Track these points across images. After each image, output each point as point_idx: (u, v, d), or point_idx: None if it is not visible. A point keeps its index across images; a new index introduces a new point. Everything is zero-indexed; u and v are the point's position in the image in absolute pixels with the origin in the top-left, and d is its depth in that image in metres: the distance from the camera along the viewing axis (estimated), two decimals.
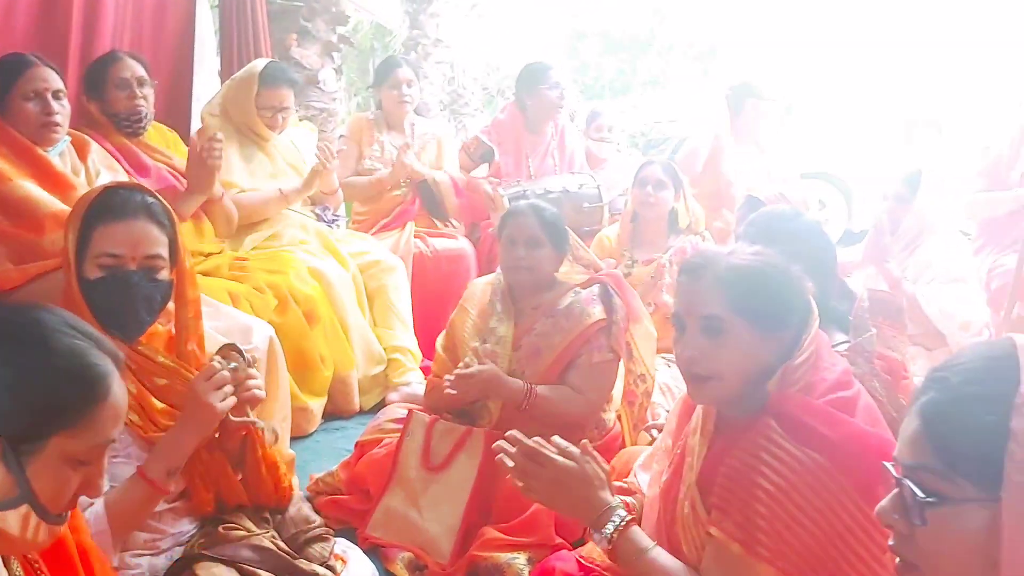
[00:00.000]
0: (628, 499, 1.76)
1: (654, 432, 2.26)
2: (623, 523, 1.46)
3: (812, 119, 8.73)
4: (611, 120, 4.89)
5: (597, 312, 2.41)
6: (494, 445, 1.55)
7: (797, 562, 1.33)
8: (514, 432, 1.53)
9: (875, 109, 8.91)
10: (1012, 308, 2.84)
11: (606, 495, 1.49)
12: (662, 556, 1.47)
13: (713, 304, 1.47)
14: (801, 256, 1.63)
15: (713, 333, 1.47)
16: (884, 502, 0.92)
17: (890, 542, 0.92)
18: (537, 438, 1.54)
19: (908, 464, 0.89)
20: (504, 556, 2.10)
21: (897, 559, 0.92)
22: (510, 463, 1.51)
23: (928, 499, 0.86)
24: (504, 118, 4.24)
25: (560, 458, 1.49)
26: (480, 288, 2.64)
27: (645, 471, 1.83)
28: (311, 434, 3.06)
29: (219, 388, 1.63)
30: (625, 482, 1.89)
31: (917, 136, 8.34)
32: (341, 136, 4.11)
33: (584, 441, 1.56)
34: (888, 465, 0.93)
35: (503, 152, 4.09)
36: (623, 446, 2.47)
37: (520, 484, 1.51)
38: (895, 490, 0.91)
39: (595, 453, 1.53)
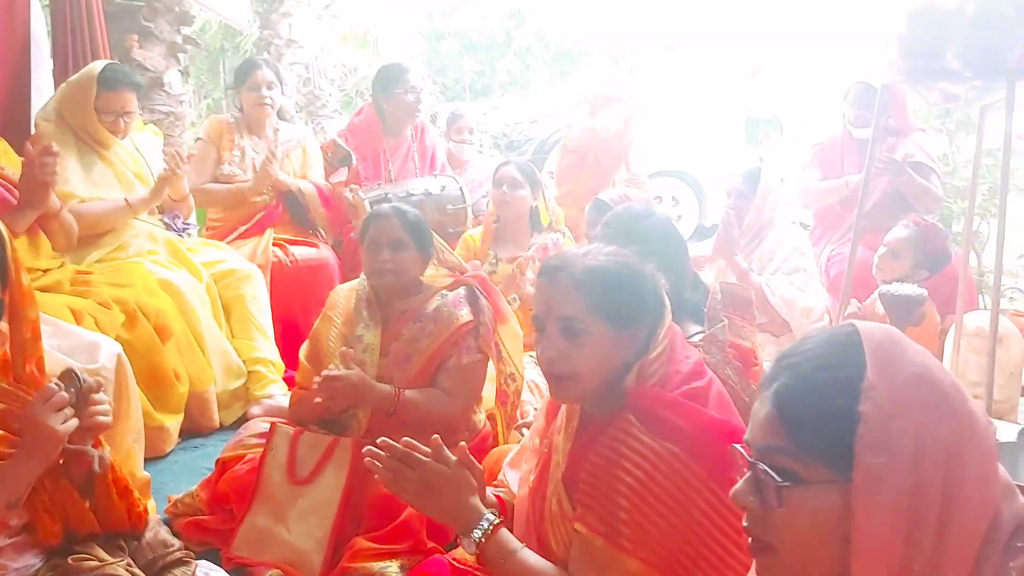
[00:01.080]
0: (500, 492, 1.78)
1: (524, 431, 2.29)
2: (491, 527, 1.47)
3: (665, 118, 9.06)
4: (472, 121, 4.91)
5: (464, 314, 2.42)
6: (363, 450, 1.53)
7: (659, 551, 1.38)
8: (386, 439, 1.52)
9: (723, 108, 9.35)
10: (848, 294, 3.05)
11: (475, 501, 1.49)
12: (530, 557, 1.49)
13: (571, 305, 1.50)
14: (655, 252, 1.69)
15: (572, 334, 1.50)
16: (739, 485, 0.95)
17: (744, 523, 0.94)
18: (408, 438, 1.52)
19: (762, 447, 0.92)
20: (376, 565, 2.08)
21: (751, 539, 0.94)
22: (380, 466, 1.49)
23: (783, 483, 0.89)
24: (360, 121, 4.17)
25: (432, 462, 1.49)
26: (344, 295, 2.59)
27: (514, 469, 1.85)
28: (168, 454, 2.92)
29: (58, 410, 1.53)
30: (496, 481, 1.90)
31: (760, 134, 8.82)
32: (198, 139, 3.92)
33: (462, 444, 1.56)
34: (740, 448, 0.96)
35: (361, 156, 4.01)
36: (496, 445, 2.49)
37: (391, 488, 1.51)
38: (749, 473, 0.93)
39: (472, 459, 1.54)
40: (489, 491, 1.74)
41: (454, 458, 1.50)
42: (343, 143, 4.00)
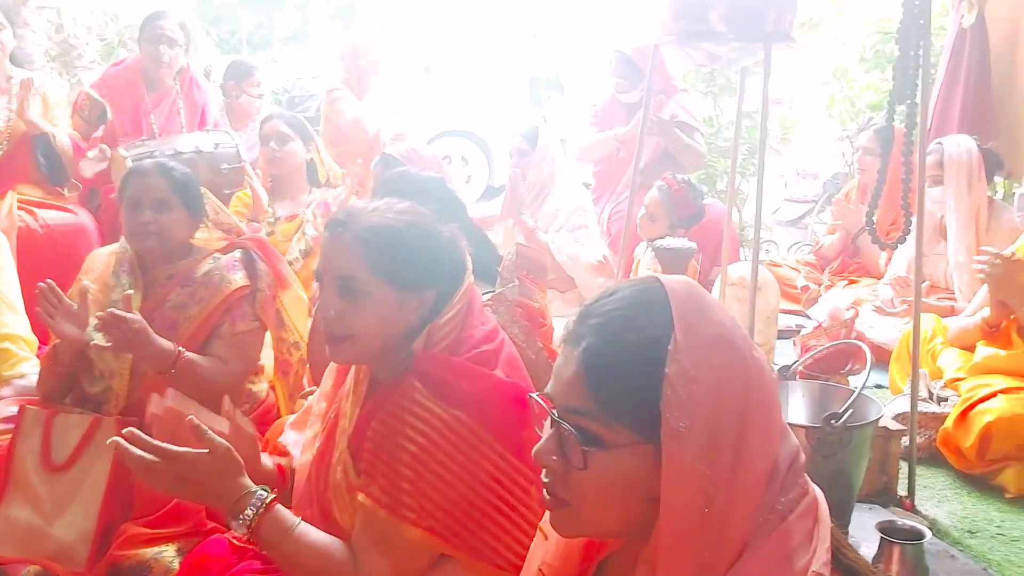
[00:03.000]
0: (282, 461, 1.69)
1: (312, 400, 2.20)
2: (263, 506, 1.36)
3: (452, 78, 9.03)
4: (261, 75, 4.65)
5: (239, 279, 2.27)
6: (108, 442, 1.35)
7: (444, 519, 1.36)
8: (132, 429, 1.35)
9: (507, 69, 9.44)
10: (628, 249, 3.18)
11: (243, 480, 1.37)
12: (309, 532, 1.41)
13: (349, 264, 1.43)
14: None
15: (350, 293, 1.43)
16: (542, 443, 0.92)
17: (544, 479, 0.93)
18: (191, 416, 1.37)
19: (567, 407, 0.90)
20: (150, 551, 1.92)
21: (547, 494, 0.93)
22: (133, 455, 1.32)
23: (589, 447, 0.87)
24: (118, 71, 3.82)
25: (187, 450, 1.33)
26: (102, 259, 2.35)
27: (296, 429, 1.77)
28: None
29: None
30: (277, 442, 1.81)
31: (543, 95, 9.01)
32: None
33: (235, 410, 1.45)
34: (541, 401, 0.94)
35: (117, 110, 3.65)
36: (278, 416, 2.38)
37: (144, 482, 1.34)
38: (551, 430, 0.91)
39: (248, 428, 1.41)
40: (268, 459, 1.65)
41: (220, 440, 1.36)
42: (96, 94, 3.62)
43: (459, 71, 8.63)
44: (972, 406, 2.68)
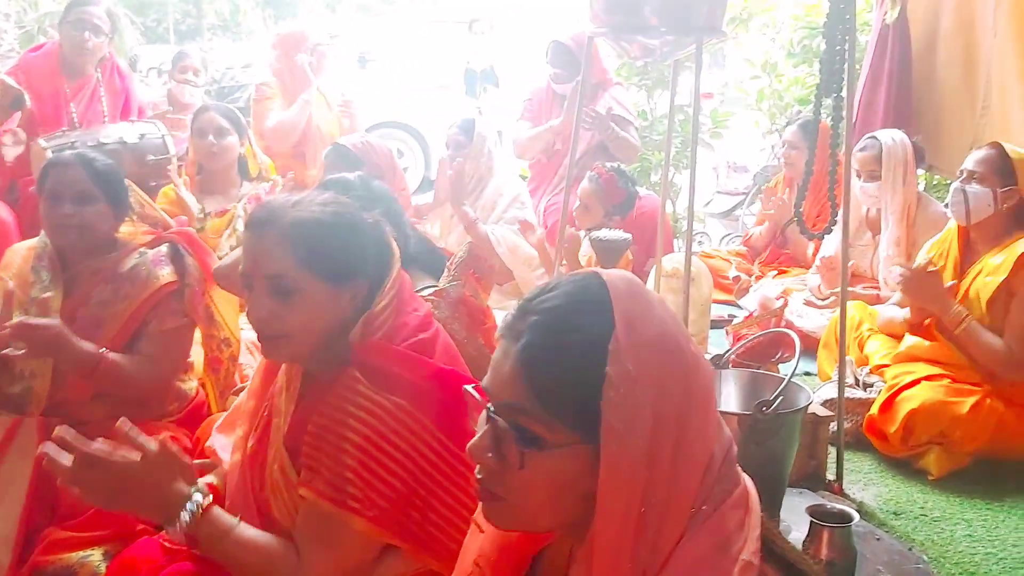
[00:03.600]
0: (212, 481, 1.65)
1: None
2: (200, 509, 1.32)
3: (387, 70, 8.95)
4: (198, 62, 4.51)
5: (166, 274, 2.20)
6: (40, 451, 1.28)
7: (388, 509, 1.35)
8: (61, 431, 1.28)
9: (442, 60, 9.40)
10: (564, 242, 3.18)
11: (179, 485, 1.33)
12: (248, 532, 1.38)
13: (279, 263, 1.40)
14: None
15: (281, 292, 1.40)
16: (476, 440, 0.90)
17: (478, 475, 0.91)
18: (99, 443, 1.30)
19: (505, 403, 0.88)
20: (75, 556, 1.86)
21: (481, 488, 0.92)
22: (63, 465, 1.26)
23: (527, 447, 0.86)
24: (36, 57, 3.68)
25: (118, 457, 1.28)
26: (21, 254, 2.26)
27: (224, 433, 1.73)
28: None
29: None
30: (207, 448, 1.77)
31: (478, 86, 9.00)
32: None
33: (164, 436, 1.41)
34: (476, 395, 0.92)
35: (36, 97, 3.51)
36: (209, 414, 2.32)
37: (74, 491, 1.28)
38: (487, 427, 0.89)
39: (171, 445, 1.37)
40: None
41: (152, 445, 1.31)
42: (12, 81, 3.47)
43: (393, 63, 8.55)
44: (897, 392, 2.77)
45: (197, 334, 2.34)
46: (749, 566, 0.85)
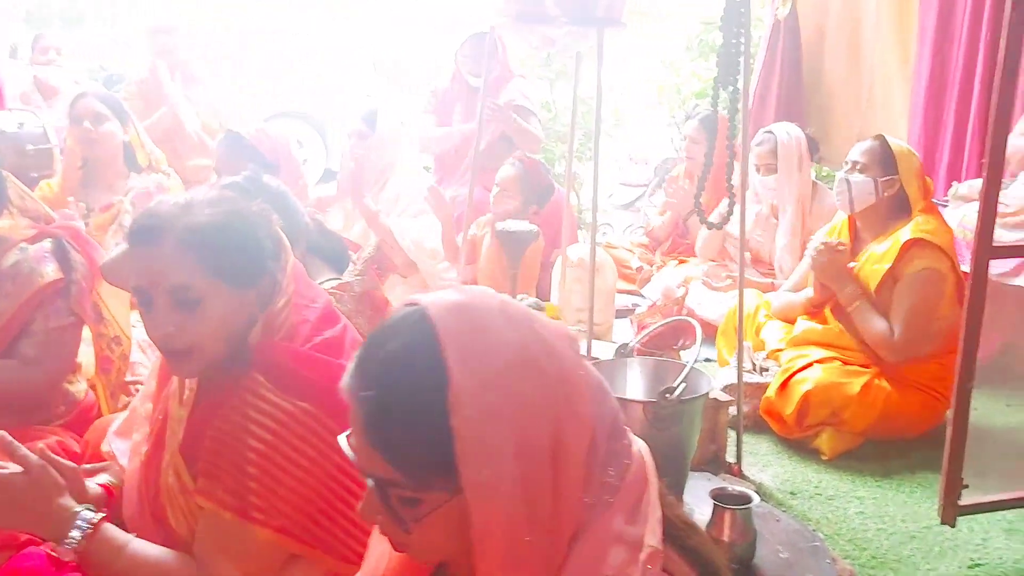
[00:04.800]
0: (104, 478, 1.57)
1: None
2: (91, 527, 1.25)
3: (286, 58, 8.71)
4: (58, 41, 4.28)
5: (51, 271, 2.08)
6: None
7: (294, 516, 1.31)
8: None
9: (344, 49, 9.22)
10: (467, 233, 3.17)
11: (66, 501, 1.26)
12: (144, 549, 1.32)
13: (183, 273, 1.32)
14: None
15: (187, 304, 1.32)
16: (364, 504, 0.87)
17: (377, 531, 0.92)
18: None
19: (372, 475, 0.85)
20: None
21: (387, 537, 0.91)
22: None
23: (406, 510, 0.84)
24: None
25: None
26: None
27: (122, 438, 1.65)
28: None
29: None
30: (102, 451, 1.68)
31: (377, 76, 8.87)
32: None
33: (41, 445, 1.32)
34: (348, 452, 0.88)
35: None
36: (99, 416, 2.21)
37: None
38: (370, 489, 0.86)
39: (52, 457, 1.30)
40: (94, 483, 1.51)
41: (34, 457, 1.25)
42: None
43: (290, 51, 8.34)
44: (791, 376, 2.88)
45: (86, 333, 2.23)
46: (655, 553, 0.84)
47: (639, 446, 0.92)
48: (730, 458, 2.67)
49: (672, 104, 6.13)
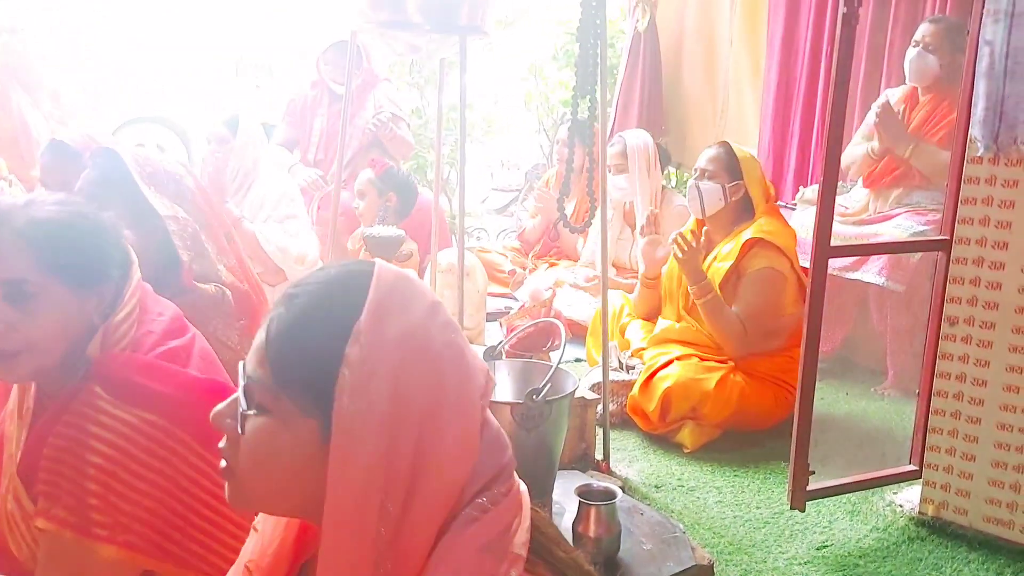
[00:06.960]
0: None
1: None
2: None
3: (144, 62, 8.34)
4: None
5: None
6: None
7: (142, 531, 1.26)
8: None
9: (207, 51, 8.91)
10: (334, 238, 3.13)
11: None
12: None
13: (17, 266, 1.26)
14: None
15: (21, 299, 1.26)
16: (221, 405, 0.88)
17: (220, 444, 0.89)
18: None
19: (249, 374, 0.87)
20: None
21: (223, 461, 0.90)
22: None
23: (248, 411, 0.85)
24: None
25: None
26: None
27: None
28: None
29: None
30: None
31: (247, 79, 8.62)
32: None
33: None
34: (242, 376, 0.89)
35: None
36: None
37: None
38: (235, 394, 0.88)
39: None
40: None
41: None
42: None
43: (150, 54, 7.99)
44: (654, 374, 2.99)
45: None
46: (516, 558, 0.85)
47: (522, 485, 0.92)
48: (599, 455, 2.75)
49: (540, 112, 6.25)
